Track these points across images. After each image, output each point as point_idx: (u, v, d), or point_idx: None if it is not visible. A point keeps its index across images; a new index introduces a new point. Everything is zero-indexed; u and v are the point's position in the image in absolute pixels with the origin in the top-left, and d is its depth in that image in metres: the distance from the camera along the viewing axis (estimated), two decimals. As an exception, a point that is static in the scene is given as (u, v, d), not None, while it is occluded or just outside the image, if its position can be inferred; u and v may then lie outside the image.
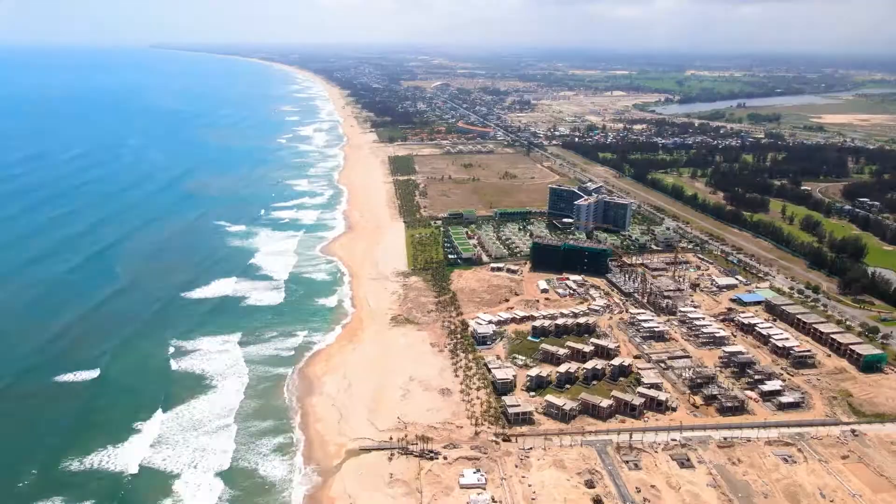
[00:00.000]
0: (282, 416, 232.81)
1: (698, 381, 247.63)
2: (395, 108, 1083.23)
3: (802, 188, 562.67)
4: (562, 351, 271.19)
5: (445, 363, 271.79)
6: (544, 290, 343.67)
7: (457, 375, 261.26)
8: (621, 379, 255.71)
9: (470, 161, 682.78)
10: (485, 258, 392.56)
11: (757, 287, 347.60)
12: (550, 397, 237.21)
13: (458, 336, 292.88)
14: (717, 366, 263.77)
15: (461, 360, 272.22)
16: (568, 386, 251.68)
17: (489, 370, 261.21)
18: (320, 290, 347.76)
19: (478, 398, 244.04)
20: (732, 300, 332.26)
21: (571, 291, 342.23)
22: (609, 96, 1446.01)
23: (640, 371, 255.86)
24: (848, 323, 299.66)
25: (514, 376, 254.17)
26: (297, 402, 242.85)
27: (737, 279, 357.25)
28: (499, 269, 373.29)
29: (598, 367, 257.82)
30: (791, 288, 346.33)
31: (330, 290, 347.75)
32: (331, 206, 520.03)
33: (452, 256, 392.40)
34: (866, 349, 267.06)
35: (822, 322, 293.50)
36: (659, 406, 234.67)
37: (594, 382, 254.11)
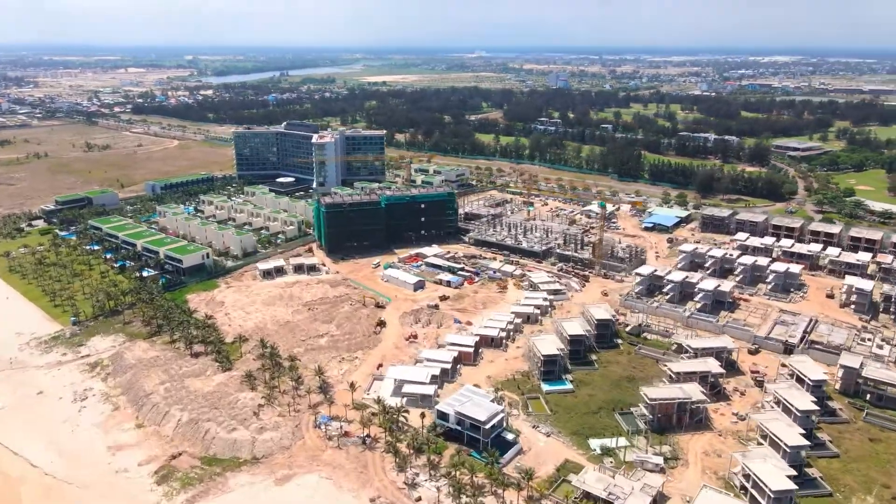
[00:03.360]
0: None
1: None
2: None
3: (470, 119, 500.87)
4: (691, 392, 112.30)
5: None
6: (418, 286, 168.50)
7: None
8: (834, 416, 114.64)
9: (5, 137, 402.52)
10: (227, 262, 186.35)
11: (648, 210, 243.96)
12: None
13: (410, 448, 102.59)
14: (866, 320, 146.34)
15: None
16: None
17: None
18: None
19: None
20: (648, 229, 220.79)
21: (465, 274, 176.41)
22: (126, 72, 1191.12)
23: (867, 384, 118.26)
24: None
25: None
26: None
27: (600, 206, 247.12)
28: (279, 273, 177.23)
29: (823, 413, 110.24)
30: (668, 202, 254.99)
31: None
32: None
33: (154, 271, 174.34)
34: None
35: (794, 221, 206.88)
36: None
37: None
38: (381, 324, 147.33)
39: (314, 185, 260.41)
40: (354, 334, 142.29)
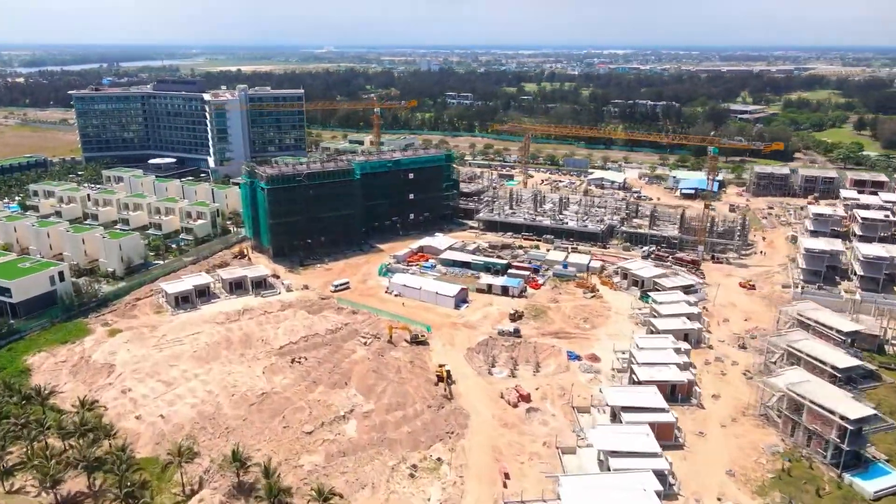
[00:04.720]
0: None
1: None
2: None
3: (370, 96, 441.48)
4: None
5: None
6: (460, 300, 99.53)
7: None
8: None
9: None
10: (101, 285, 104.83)
11: (671, 175, 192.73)
12: None
13: None
14: None
15: None
16: None
17: None
18: None
19: None
20: (688, 196, 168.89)
21: (522, 273, 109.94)
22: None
23: None
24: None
25: None
26: None
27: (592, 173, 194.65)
28: (204, 296, 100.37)
29: None
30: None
31: None
32: None
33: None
34: None
35: (876, 175, 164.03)
36: None
37: None
38: (445, 377, 77.43)
39: (212, 165, 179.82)
40: (408, 404, 71.37)
